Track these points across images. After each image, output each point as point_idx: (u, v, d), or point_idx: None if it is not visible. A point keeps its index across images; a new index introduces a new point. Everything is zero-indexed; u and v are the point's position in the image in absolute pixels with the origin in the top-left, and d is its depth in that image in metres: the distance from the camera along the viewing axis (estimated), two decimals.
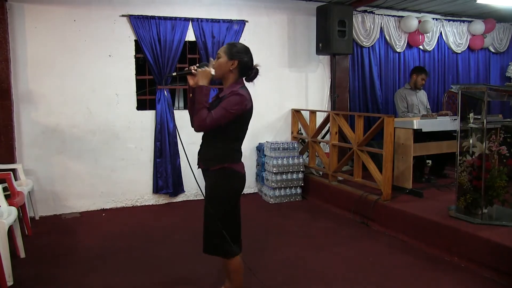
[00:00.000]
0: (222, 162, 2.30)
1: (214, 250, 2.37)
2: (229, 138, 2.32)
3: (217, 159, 2.31)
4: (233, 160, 2.34)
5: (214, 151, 2.33)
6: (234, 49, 2.32)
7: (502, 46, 7.30)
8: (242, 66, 2.33)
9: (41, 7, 4.47)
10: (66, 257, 3.50)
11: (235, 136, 2.34)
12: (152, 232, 4.12)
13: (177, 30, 4.94)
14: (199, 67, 2.30)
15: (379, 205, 4.15)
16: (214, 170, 2.32)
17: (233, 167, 2.33)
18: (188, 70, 2.33)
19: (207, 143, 2.38)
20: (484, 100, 3.40)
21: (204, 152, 2.40)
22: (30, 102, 4.52)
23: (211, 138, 2.34)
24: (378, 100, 6.28)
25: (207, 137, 2.39)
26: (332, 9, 5.26)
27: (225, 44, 2.37)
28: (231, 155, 2.34)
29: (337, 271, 3.18)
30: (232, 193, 2.36)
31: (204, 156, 2.39)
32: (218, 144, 2.32)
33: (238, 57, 2.31)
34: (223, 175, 2.31)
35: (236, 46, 2.35)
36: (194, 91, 2.27)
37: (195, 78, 2.30)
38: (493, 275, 3.01)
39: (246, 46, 2.39)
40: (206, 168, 2.37)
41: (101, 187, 4.88)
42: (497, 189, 3.42)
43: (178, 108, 5.42)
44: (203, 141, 2.42)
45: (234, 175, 2.34)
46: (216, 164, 2.31)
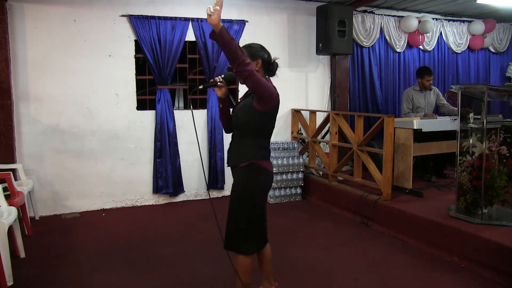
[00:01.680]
0: (249, 158, 2.32)
1: (235, 247, 2.39)
2: (258, 134, 2.33)
3: (245, 156, 2.33)
4: (261, 157, 2.35)
5: (243, 148, 2.34)
6: (253, 50, 2.34)
7: (502, 46, 7.30)
8: (265, 64, 2.35)
9: (41, 7, 4.47)
10: (66, 257, 3.50)
11: (264, 132, 2.37)
12: (152, 232, 4.12)
13: (177, 30, 4.94)
14: (224, 78, 2.32)
15: (379, 205, 4.15)
16: (241, 167, 2.33)
17: (260, 164, 2.33)
18: (213, 81, 2.33)
19: (236, 141, 2.39)
20: (484, 100, 3.40)
21: (233, 150, 2.41)
22: (30, 102, 4.52)
23: (241, 135, 2.35)
24: (378, 100, 6.28)
25: (235, 134, 2.41)
26: (332, 9, 5.26)
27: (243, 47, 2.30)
28: (259, 152, 2.35)
29: (337, 271, 3.18)
30: (258, 190, 2.36)
31: (233, 153, 2.40)
32: (247, 142, 2.33)
33: (259, 56, 2.34)
34: (250, 172, 2.32)
35: (253, 46, 2.37)
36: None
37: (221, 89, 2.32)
38: (493, 275, 3.01)
39: (259, 44, 2.41)
40: (235, 165, 2.39)
41: (101, 187, 4.88)
42: (497, 189, 3.42)
43: (178, 108, 5.42)
44: (232, 139, 2.44)
45: (260, 172, 2.35)
46: (243, 161, 2.33)
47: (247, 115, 2.29)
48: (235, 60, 2.07)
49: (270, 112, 2.31)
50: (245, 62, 2.08)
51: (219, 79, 2.32)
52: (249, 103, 2.29)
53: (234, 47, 2.04)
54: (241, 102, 2.40)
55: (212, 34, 2.02)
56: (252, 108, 2.26)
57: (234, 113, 2.41)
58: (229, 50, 2.04)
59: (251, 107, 2.27)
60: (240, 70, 2.10)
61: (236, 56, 2.05)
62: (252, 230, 2.37)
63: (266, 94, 2.21)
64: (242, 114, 2.32)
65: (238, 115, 2.36)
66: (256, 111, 2.26)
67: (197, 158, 5.29)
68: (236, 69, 2.11)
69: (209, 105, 5.20)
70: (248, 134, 2.33)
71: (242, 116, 2.32)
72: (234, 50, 2.04)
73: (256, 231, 2.40)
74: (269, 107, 2.27)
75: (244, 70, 2.09)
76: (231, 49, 2.04)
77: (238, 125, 2.36)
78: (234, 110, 2.41)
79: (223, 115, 2.45)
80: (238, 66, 2.08)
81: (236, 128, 2.39)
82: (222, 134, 5.25)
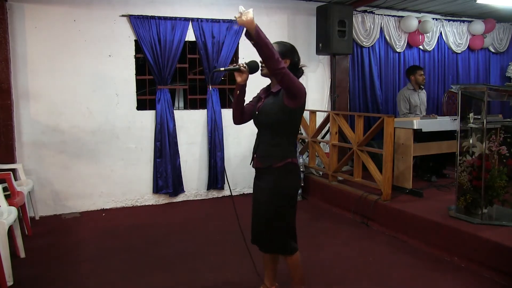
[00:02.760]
0: (285, 157, 2.30)
1: (280, 249, 2.39)
2: (290, 132, 2.33)
3: (281, 156, 2.30)
4: (294, 155, 2.35)
5: (277, 147, 2.31)
6: (284, 49, 2.33)
7: (502, 46, 7.30)
8: (292, 66, 2.32)
9: (41, 7, 4.47)
10: (66, 257, 3.50)
11: (295, 130, 2.37)
12: (152, 232, 4.12)
13: (177, 30, 4.94)
14: (247, 64, 2.30)
15: (379, 205, 4.15)
16: (277, 167, 2.30)
17: (295, 162, 2.34)
18: (236, 66, 2.30)
19: (266, 141, 2.34)
20: (484, 100, 3.40)
21: (263, 149, 2.35)
22: (30, 102, 4.52)
23: (272, 134, 2.32)
24: (378, 100, 6.28)
25: (265, 134, 2.36)
26: (332, 9, 5.26)
27: (275, 43, 2.32)
28: (293, 150, 2.35)
29: (337, 271, 3.18)
30: (296, 188, 2.38)
31: (264, 153, 2.35)
32: (279, 140, 2.30)
33: (290, 56, 2.32)
34: (287, 171, 2.31)
35: (285, 45, 2.36)
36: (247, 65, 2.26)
37: (242, 75, 2.30)
38: (493, 275, 3.01)
39: (293, 45, 2.40)
40: (267, 166, 2.33)
41: (101, 187, 4.88)
42: (497, 189, 3.42)
43: (178, 108, 5.42)
44: (260, 138, 2.39)
45: (296, 170, 2.36)
46: (279, 161, 2.30)
47: (280, 114, 2.25)
48: (270, 59, 2.07)
49: (300, 108, 2.31)
50: (279, 60, 2.08)
51: (243, 64, 2.29)
52: (279, 101, 2.25)
53: (271, 45, 2.05)
54: (267, 101, 2.34)
55: (247, 34, 2.03)
56: (284, 106, 2.24)
57: (261, 112, 2.34)
58: (266, 49, 2.04)
59: (283, 106, 2.24)
60: (274, 69, 2.10)
61: (271, 54, 2.06)
62: (294, 228, 2.41)
63: (298, 91, 2.21)
64: (274, 113, 2.27)
65: (268, 113, 2.30)
66: (288, 109, 2.24)
67: (197, 158, 5.29)
68: (271, 67, 2.11)
69: (209, 105, 5.20)
70: (281, 133, 2.30)
71: (274, 114, 2.27)
72: (271, 49, 2.05)
73: (294, 228, 2.43)
74: (300, 103, 2.27)
75: (279, 69, 2.09)
76: (267, 47, 2.04)
77: (269, 123, 2.31)
78: (261, 109, 2.35)
79: (238, 103, 2.38)
80: (274, 64, 2.08)
81: (265, 127, 2.35)
82: (222, 134, 5.25)
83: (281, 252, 2.42)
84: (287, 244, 2.38)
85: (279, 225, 2.34)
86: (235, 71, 2.31)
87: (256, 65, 2.32)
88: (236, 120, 2.48)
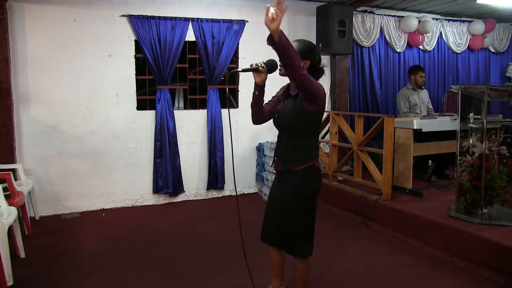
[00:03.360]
0: (306, 161, 2.29)
1: (295, 251, 2.39)
2: (310, 135, 2.31)
3: (302, 159, 2.29)
4: (315, 158, 2.34)
5: (298, 151, 2.30)
6: (307, 49, 2.28)
7: (502, 46, 7.31)
8: (312, 67, 2.29)
9: (41, 7, 4.47)
10: (66, 257, 3.50)
11: (314, 133, 2.36)
12: (152, 232, 4.12)
13: (177, 30, 4.94)
14: (265, 64, 2.24)
15: (379, 205, 4.15)
16: (298, 170, 2.30)
17: (316, 165, 2.33)
18: (254, 66, 2.24)
19: (287, 144, 2.33)
20: (484, 100, 3.40)
21: (284, 152, 2.34)
22: (30, 102, 4.52)
23: (292, 138, 2.30)
24: (378, 100, 6.28)
25: (285, 136, 2.34)
26: (332, 9, 5.26)
27: (295, 41, 2.28)
28: (314, 153, 2.34)
29: (337, 271, 3.18)
30: (316, 191, 2.38)
31: (286, 156, 2.33)
32: (300, 144, 2.30)
33: (310, 57, 2.28)
34: (309, 174, 2.31)
35: (306, 44, 2.31)
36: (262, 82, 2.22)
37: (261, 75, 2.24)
38: (493, 275, 3.01)
39: (315, 45, 2.35)
40: (288, 169, 2.32)
41: (101, 187, 4.88)
42: (497, 189, 3.42)
43: (178, 108, 5.42)
44: (281, 141, 2.38)
45: (318, 173, 2.36)
46: (300, 164, 2.29)
47: (300, 117, 2.23)
48: (291, 66, 2.01)
49: (320, 111, 2.29)
50: (300, 67, 2.03)
51: (261, 64, 2.22)
52: (299, 105, 2.22)
53: (293, 52, 1.98)
54: (286, 104, 2.31)
55: (270, 39, 1.91)
56: (303, 109, 2.21)
57: (281, 115, 2.32)
58: (288, 55, 1.96)
59: (302, 109, 2.21)
60: (295, 75, 2.06)
61: (293, 62, 1.99)
62: (312, 231, 2.40)
63: (317, 95, 2.17)
64: (293, 116, 2.25)
65: (288, 117, 2.28)
66: (307, 112, 2.21)
67: (197, 158, 5.29)
68: (290, 74, 2.08)
69: (209, 105, 5.20)
70: (301, 136, 2.29)
71: (294, 118, 2.25)
72: (293, 56, 1.98)
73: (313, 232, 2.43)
74: (319, 107, 2.24)
75: (300, 75, 2.04)
76: (289, 53, 1.96)
77: (289, 127, 2.30)
78: (281, 112, 2.33)
79: (257, 104, 2.33)
80: (294, 71, 2.04)
81: (285, 130, 2.33)
82: (222, 134, 5.25)
83: (294, 253, 2.42)
84: (301, 247, 2.38)
85: (297, 227, 2.34)
86: (253, 71, 2.25)
87: (275, 64, 2.24)
88: (255, 121, 2.42)
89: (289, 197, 2.33)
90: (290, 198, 2.32)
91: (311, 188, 2.34)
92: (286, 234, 2.38)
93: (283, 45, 1.92)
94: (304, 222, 2.35)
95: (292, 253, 2.42)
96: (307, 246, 2.39)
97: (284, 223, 2.36)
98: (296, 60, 2.00)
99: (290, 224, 2.34)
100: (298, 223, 2.33)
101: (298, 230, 2.34)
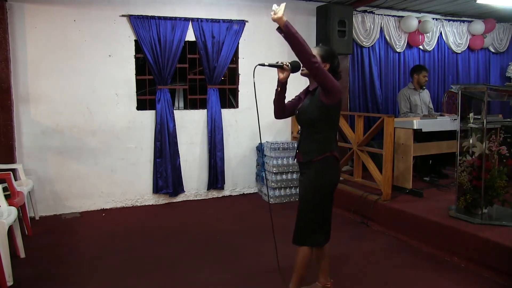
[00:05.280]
0: (324, 151, 2.40)
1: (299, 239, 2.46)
2: (328, 128, 2.42)
3: (320, 150, 2.40)
4: (334, 149, 2.43)
5: (316, 143, 2.42)
6: (327, 53, 2.45)
7: (502, 46, 7.30)
8: (331, 70, 2.42)
9: (41, 7, 4.47)
10: (66, 257, 3.50)
11: (334, 125, 2.47)
12: (152, 232, 4.12)
13: (177, 30, 4.94)
14: (290, 63, 2.40)
15: (379, 205, 4.15)
16: (317, 161, 2.40)
17: (335, 155, 2.43)
18: (280, 63, 2.41)
19: (307, 137, 2.47)
20: (484, 100, 3.40)
21: (304, 145, 2.48)
22: (30, 102, 4.52)
23: (312, 131, 2.43)
24: (378, 100, 6.28)
25: (305, 131, 2.48)
26: (332, 9, 5.26)
27: (318, 46, 2.49)
28: (332, 144, 2.44)
29: (337, 271, 3.18)
30: (334, 182, 2.47)
31: (305, 149, 2.47)
32: (319, 136, 2.42)
33: (331, 61, 2.44)
34: (326, 164, 2.41)
35: (327, 50, 2.47)
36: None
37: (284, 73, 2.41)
38: (493, 275, 3.01)
39: (334, 50, 2.52)
40: (308, 160, 2.44)
41: (101, 187, 4.88)
42: (497, 189, 3.43)
43: (178, 108, 5.42)
44: (302, 135, 2.52)
45: (335, 163, 2.45)
46: (318, 155, 2.40)
47: (318, 111, 2.37)
48: (303, 52, 2.18)
49: (337, 104, 2.41)
50: (312, 54, 2.20)
51: (286, 63, 2.40)
52: (317, 99, 2.38)
53: (301, 39, 2.17)
54: (306, 100, 2.47)
55: (279, 29, 2.19)
56: (321, 103, 2.34)
57: (301, 111, 2.47)
58: (297, 42, 2.16)
59: (320, 102, 2.35)
60: (308, 61, 2.21)
61: (303, 48, 2.17)
62: (326, 221, 2.48)
63: (333, 86, 2.30)
64: (311, 111, 2.40)
65: (307, 112, 2.43)
66: (325, 105, 2.35)
67: (197, 158, 5.29)
68: (304, 60, 2.23)
69: (209, 105, 5.20)
70: (319, 129, 2.41)
71: (312, 113, 2.40)
72: (302, 42, 2.17)
73: (329, 222, 2.51)
74: (336, 99, 2.36)
75: (313, 62, 2.20)
76: (298, 40, 2.16)
77: (309, 122, 2.44)
78: (301, 108, 2.48)
79: (279, 100, 2.51)
80: (306, 57, 2.20)
81: (305, 125, 2.48)
82: (222, 134, 5.25)
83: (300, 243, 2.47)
84: (310, 235, 2.45)
85: (311, 215, 2.43)
86: (277, 67, 2.42)
87: (298, 65, 2.42)
88: (277, 115, 2.59)
89: (308, 187, 2.44)
90: (309, 187, 2.43)
91: (330, 178, 2.44)
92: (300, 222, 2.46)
93: (289, 32, 2.16)
94: (318, 211, 2.43)
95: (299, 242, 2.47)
96: (318, 235, 2.47)
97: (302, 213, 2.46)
98: (305, 46, 2.18)
99: (307, 212, 2.44)
100: (316, 211, 2.43)
101: (315, 218, 2.43)
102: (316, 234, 2.47)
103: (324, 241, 2.53)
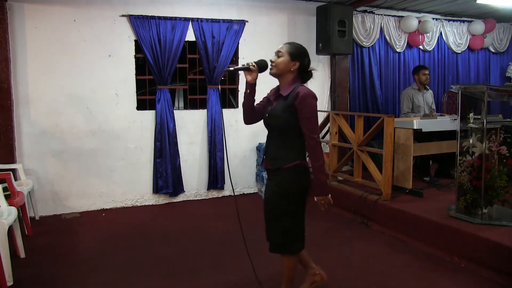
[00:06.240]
0: (294, 159, 2.33)
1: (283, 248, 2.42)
2: (298, 135, 2.34)
3: (290, 157, 2.33)
4: (304, 157, 2.38)
5: (286, 149, 2.34)
6: (296, 50, 2.33)
7: (502, 46, 7.31)
8: (301, 69, 2.35)
9: (41, 7, 4.47)
10: (66, 257, 3.50)
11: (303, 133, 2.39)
12: (152, 232, 4.12)
13: (177, 30, 4.94)
14: (256, 63, 2.34)
15: (379, 205, 4.15)
16: (287, 168, 2.33)
17: (304, 164, 2.37)
18: (246, 65, 2.35)
19: (276, 143, 2.37)
20: (484, 100, 3.40)
21: (273, 151, 2.38)
22: (30, 102, 4.52)
23: (280, 136, 2.35)
24: (378, 100, 6.28)
25: (275, 136, 2.38)
26: (332, 9, 5.26)
27: (287, 43, 2.37)
28: (302, 152, 2.37)
29: (337, 271, 3.18)
30: (305, 189, 2.41)
31: (274, 155, 2.38)
32: (289, 143, 2.34)
33: (300, 59, 2.33)
34: (296, 172, 2.34)
35: (298, 48, 2.36)
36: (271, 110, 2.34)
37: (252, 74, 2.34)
38: (493, 275, 3.01)
39: (305, 49, 2.41)
40: (277, 167, 2.35)
41: (101, 187, 4.88)
42: (497, 189, 3.42)
43: (178, 108, 5.42)
44: (270, 140, 2.42)
45: (306, 172, 2.39)
46: (289, 162, 2.33)
47: (290, 118, 2.28)
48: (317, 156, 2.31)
49: None
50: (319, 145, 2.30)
51: (252, 63, 2.33)
52: (289, 105, 2.27)
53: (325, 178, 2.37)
54: (277, 104, 2.35)
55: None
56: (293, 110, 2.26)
57: (271, 115, 2.36)
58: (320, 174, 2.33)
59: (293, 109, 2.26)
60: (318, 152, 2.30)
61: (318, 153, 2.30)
62: (301, 228, 2.44)
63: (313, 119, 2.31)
64: (283, 116, 2.29)
65: (278, 117, 2.32)
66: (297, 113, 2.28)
67: (197, 158, 5.30)
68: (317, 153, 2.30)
69: (208, 105, 5.20)
70: (290, 135, 2.33)
71: (284, 118, 2.29)
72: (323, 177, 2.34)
73: (303, 228, 2.46)
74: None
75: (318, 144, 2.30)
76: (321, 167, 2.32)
77: (278, 127, 2.34)
78: (271, 112, 2.37)
79: (248, 102, 2.42)
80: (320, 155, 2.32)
81: (275, 130, 2.37)
82: (221, 134, 5.25)
83: (282, 251, 2.43)
84: (292, 244, 2.40)
85: (283, 224, 2.37)
86: (244, 70, 2.35)
87: (266, 64, 2.35)
88: (246, 120, 2.50)
89: (277, 194, 2.36)
90: (278, 195, 2.36)
91: (299, 185, 2.37)
92: (273, 231, 2.41)
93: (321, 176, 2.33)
94: (292, 219, 2.37)
95: (276, 250, 2.43)
96: (295, 243, 2.42)
97: (273, 220, 2.39)
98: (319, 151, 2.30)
99: (277, 221, 2.37)
100: (286, 220, 2.36)
101: (285, 227, 2.37)
102: (297, 242, 2.43)
103: (303, 246, 2.48)
